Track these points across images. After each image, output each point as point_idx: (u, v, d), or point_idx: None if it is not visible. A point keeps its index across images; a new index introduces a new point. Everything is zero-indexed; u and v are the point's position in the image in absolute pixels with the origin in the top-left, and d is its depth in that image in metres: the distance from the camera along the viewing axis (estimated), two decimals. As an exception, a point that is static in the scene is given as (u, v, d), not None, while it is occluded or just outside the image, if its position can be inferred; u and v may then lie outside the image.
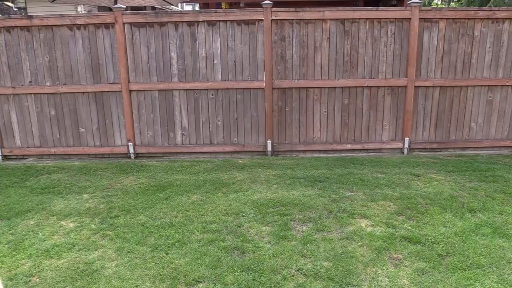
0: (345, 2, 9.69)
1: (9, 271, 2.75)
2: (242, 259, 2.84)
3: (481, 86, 5.42)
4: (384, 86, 5.40)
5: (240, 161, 5.28)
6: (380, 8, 5.25)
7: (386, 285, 2.54)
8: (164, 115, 5.48)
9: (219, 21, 5.20)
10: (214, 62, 5.32)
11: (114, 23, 5.18)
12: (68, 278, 2.65)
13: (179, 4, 15.48)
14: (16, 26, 5.21)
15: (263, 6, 5.15)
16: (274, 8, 5.18)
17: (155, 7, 13.37)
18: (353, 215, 3.53)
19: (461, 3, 10.39)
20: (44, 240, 3.17)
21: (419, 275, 2.63)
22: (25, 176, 4.85)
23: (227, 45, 5.27)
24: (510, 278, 2.59)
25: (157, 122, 5.51)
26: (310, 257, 2.86)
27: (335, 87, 5.40)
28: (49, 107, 5.45)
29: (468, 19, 5.22)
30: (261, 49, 5.28)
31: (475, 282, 2.54)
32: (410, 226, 3.32)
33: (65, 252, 2.98)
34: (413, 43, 5.22)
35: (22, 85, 5.38)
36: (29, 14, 10.19)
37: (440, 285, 2.52)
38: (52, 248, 3.03)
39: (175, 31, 5.24)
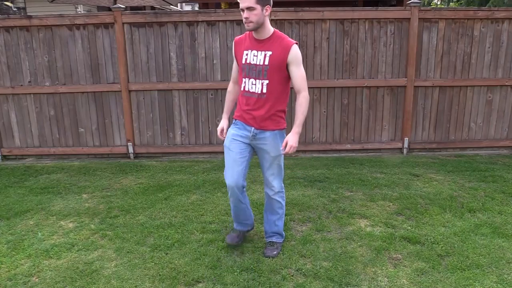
0: (345, 2, 9.68)
1: (8, 271, 2.75)
2: (241, 259, 2.84)
3: (481, 86, 5.42)
4: (384, 86, 5.40)
5: (239, 161, 5.26)
6: (380, 8, 5.25)
7: (385, 285, 2.54)
8: (164, 115, 5.48)
9: (219, 21, 5.20)
10: (214, 62, 5.32)
11: (113, 23, 5.18)
12: (67, 278, 2.65)
13: (179, 4, 15.48)
14: (15, 26, 5.20)
15: (262, 6, 5.13)
16: (274, 8, 5.15)
17: (155, 7, 13.36)
18: (352, 215, 3.53)
19: (460, 3, 10.39)
20: (44, 240, 3.17)
21: (418, 275, 2.63)
22: (24, 176, 4.84)
23: (227, 45, 5.26)
24: (509, 278, 2.59)
25: (157, 122, 5.50)
26: (309, 257, 2.86)
27: (334, 87, 5.40)
28: (49, 107, 5.45)
29: (468, 19, 5.22)
30: (261, 49, 5.26)
31: (475, 282, 2.55)
32: (410, 226, 3.32)
33: (64, 252, 2.98)
34: (412, 43, 5.22)
35: (21, 85, 5.38)
36: (28, 14, 10.18)
37: (440, 285, 2.52)
38: (52, 248, 3.03)
39: (174, 31, 5.23)
